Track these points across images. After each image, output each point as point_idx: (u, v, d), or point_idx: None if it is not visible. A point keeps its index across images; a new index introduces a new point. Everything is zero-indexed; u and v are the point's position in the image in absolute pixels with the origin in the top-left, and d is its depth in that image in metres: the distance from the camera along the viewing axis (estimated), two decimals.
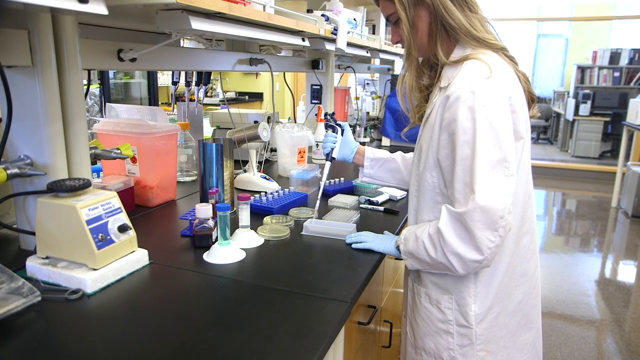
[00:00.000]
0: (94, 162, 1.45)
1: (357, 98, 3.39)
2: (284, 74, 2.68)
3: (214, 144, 1.39)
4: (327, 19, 1.96)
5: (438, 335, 1.10)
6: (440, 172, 1.04)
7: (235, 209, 1.45)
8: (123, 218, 1.03)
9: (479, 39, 1.00)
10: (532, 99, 1.07)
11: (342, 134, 1.43)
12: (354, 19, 2.32)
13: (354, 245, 1.22)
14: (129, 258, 1.03)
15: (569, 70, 9.01)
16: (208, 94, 6.34)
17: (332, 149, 1.41)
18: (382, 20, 2.93)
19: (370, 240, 1.21)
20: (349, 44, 2.17)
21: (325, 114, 2.47)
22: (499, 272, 1.05)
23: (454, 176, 0.96)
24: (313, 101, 2.71)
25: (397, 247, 1.13)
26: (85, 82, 1.19)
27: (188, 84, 2.12)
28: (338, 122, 1.46)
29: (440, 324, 1.09)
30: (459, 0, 1.00)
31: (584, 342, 2.58)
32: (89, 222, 0.95)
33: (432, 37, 1.03)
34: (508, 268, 1.06)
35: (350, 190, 1.74)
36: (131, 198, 1.48)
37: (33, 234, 1.06)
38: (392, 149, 1.77)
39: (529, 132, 1.03)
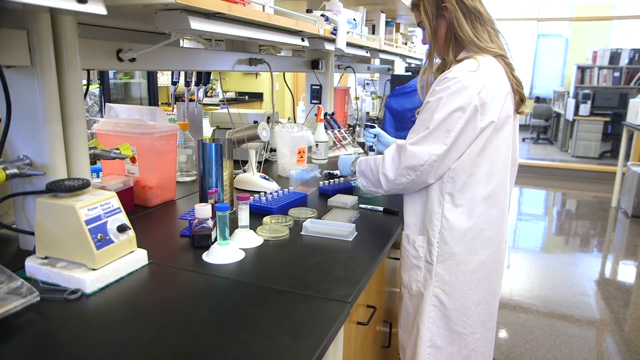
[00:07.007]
0: (93, 162, 1.45)
1: (357, 98, 3.39)
2: (284, 74, 2.67)
3: (213, 144, 1.38)
4: (327, 19, 1.96)
5: (411, 269, 1.36)
6: None
7: (234, 209, 1.45)
8: (122, 218, 1.03)
9: (481, 47, 1.23)
10: (521, 99, 1.29)
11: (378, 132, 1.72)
12: (354, 19, 2.32)
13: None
14: (128, 258, 1.03)
15: (569, 70, 9.02)
16: (208, 94, 6.34)
17: (373, 143, 1.73)
18: (382, 21, 2.94)
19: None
20: (349, 44, 2.17)
21: (325, 114, 2.48)
22: (463, 225, 1.25)
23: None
24: (313, 101, 2.71)
25: (353, 171, 1.49)
26: (84, 82, 1.18)
27: (188, 84, 2.12)
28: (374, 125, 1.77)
29: (413, 259, 1.35)
30: (471, 16, 1.23)
31: (584, 342, 2.58)
32: (88, 222, 0.95)
33: (447, 42, 1.28)
34: (474, 226, 1.26)
35: (349, 190, 1.74)
36: (130, 198, 1.47)
37: (32, 234, 1.06)
38: None
39: (505, 121, 1.23)
